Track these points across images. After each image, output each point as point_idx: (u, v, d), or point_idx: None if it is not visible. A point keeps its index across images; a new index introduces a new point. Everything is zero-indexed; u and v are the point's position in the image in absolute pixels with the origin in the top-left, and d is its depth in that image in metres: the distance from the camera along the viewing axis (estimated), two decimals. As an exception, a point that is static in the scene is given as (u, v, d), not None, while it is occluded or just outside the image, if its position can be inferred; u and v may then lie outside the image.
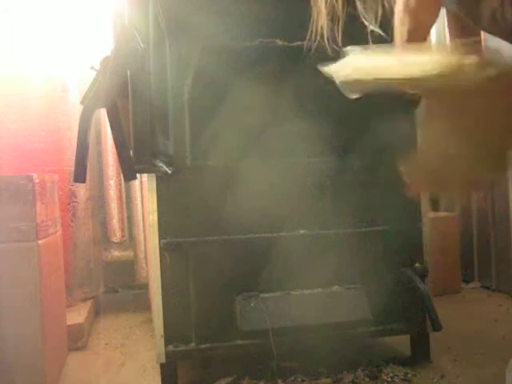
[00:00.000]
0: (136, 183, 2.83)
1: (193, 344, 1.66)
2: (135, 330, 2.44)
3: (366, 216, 1.76)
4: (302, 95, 1.76)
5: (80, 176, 1.63)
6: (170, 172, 1.61)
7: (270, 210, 1.69)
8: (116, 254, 2.88)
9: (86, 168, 1.66)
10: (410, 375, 1.73)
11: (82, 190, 2.55)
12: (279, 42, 1.70)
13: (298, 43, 1.70)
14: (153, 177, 1.64)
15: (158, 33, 1.51)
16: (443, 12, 1.11)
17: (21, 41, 2.35)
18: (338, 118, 1.74)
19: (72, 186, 2.47)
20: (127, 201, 2.91)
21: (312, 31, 1.61)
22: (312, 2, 1.59)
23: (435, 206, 3.18)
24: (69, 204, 2.47)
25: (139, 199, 2.88)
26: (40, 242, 1.66)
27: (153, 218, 1.65)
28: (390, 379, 1.70)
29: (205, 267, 1.67)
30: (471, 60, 0.79)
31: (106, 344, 2.26)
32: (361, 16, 1.63)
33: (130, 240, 2.91)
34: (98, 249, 2.80)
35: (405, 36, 1.05)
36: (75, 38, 2.57)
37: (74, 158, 1.67)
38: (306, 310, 1.68)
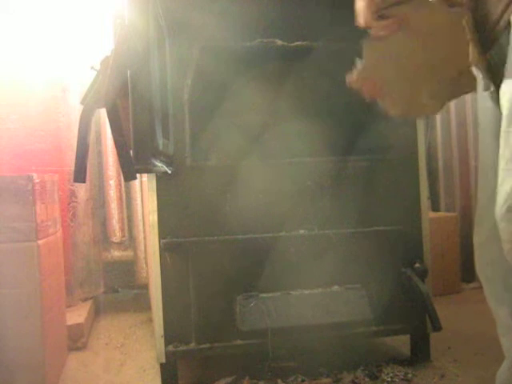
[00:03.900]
0: (136, 183, 2.83)
1: (193, 344, 1.66)
2: (135, 330, 2.44)
3: (366, 216, 1.76)
4: (302, 95, 1.76)
5: (80, 176, 1.63)
6: (169, 172, 1.61)
7: (269, 210, 1.69)
8: (116, 254, 2.88)
9: (86, 168, 1.66)
10: (410, 375, 1.73)
11: (81, 190, 2.55)
12: (279, 42, 1.70)
13: (298, 43, 1.70)
14: (153, 177, 1.64)
15: (158, 33, 1.51)
16: None
17: (21, 41, 2.35)
18: (338, 118, 1.74)
19: (72, 186, 2.47)
20: (127, 201, 2.91)
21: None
22: None
23: (435, 206, 3.18)
24: (69, 204, 2.47)
25: (139, 199, 2.88)
26: (40, 242, 1.66)
27: (153, 218, 1.65)
28: (389, 379, 1.70)
29: (205, 267, 1.67)
30: None
31: (106, 344, 2.26)
32: None
33: (130, 240, 2.91)
34: (98, 249, 2.80)
35: None
36: (75, 39, 2.57)
37: (74, 158, 1.67)
38: (305, 310, 1.68)
